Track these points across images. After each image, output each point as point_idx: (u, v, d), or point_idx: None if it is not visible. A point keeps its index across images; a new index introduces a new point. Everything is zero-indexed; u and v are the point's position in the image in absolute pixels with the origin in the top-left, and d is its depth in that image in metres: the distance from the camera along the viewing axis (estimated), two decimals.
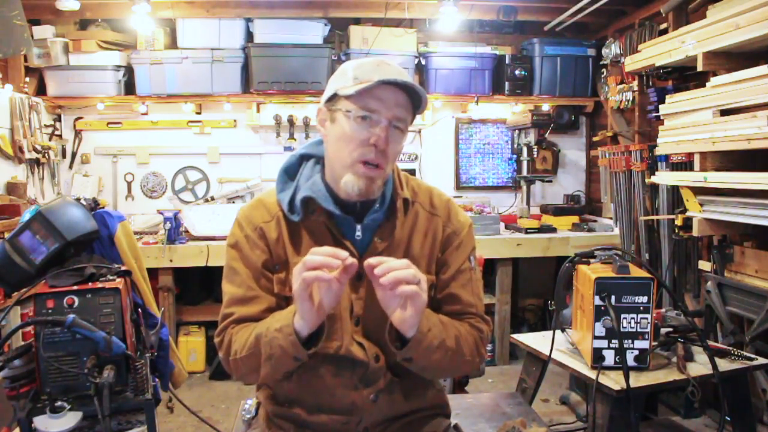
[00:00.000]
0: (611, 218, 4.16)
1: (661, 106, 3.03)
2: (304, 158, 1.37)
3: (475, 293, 1.37)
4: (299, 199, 1.28)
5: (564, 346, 2.24)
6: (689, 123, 2.76)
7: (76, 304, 1.72)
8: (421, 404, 1.38)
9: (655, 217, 3.38)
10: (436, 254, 1.35)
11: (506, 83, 4.40)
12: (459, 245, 1.37)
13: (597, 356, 1.98)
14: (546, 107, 4.47)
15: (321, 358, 1.28)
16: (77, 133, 4.36)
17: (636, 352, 1.98)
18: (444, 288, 1.35)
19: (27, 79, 3.97)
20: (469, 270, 1.37)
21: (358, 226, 1.29)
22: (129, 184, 4.45)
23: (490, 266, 4.00)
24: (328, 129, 1.28)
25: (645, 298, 1.93)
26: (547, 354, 2.18)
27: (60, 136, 4.31)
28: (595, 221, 4.40)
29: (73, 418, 1.64)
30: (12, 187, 3.57)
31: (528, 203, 4.52)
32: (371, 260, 1.09)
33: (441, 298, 1.35)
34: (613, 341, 1.96)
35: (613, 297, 1.92)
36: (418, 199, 1.37)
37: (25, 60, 3.95)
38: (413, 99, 1.24)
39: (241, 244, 1.32)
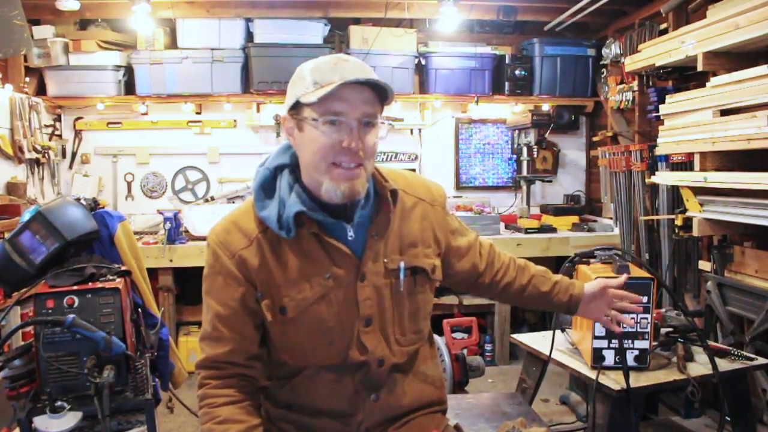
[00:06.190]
0: (611, 218, 4.16)
1: (661, 106, 3.03)
2: (278, 170, 1.28)
3: (485, 244, 1.57)
4: (290, 215, 1.20)
5: (564, 346, 2.24)
6: (689, 123, 2.75)
7: (76, 304, 1.72)
8: (422, 402, 1.38)
9: (655, 217, 3.38)
10: (435, 236, 1.39)
11: (506, 83, 4.40)
12: (456, 225, 1.48)
13: (597, 356, 1.99)
14: (546, 107, 4.46)
15: (321, 365, 1.28)
16: (77, 133, 4.36)
17: (636, 352, 1.98)
18: (475, 260, 1.51)
19: (27, 79, 3.96)
20: (476, 238, 1.54)
21: (349, 227, 1.26)
22: (129, 184, 4.45)
23: None
24: (297, 138, 1.22)
25: (645, 298, 1.92)
26: (547, 354, 2.18)
27: (60, 136, 4.30)
28: (595, 221, 4.40)
29: (73, 418, 1.64)
30: (12, 187, 3.57)
31: (528, 203, 4.52)
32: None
33: (483, 271, 1.54)
34: (613, 341, 1.97)
35: None
36: (400, 186, 1.33)
37: (25, 60, 3.95)
38: (378, 91, 1.19)
39: (212, 278, 1.27)
